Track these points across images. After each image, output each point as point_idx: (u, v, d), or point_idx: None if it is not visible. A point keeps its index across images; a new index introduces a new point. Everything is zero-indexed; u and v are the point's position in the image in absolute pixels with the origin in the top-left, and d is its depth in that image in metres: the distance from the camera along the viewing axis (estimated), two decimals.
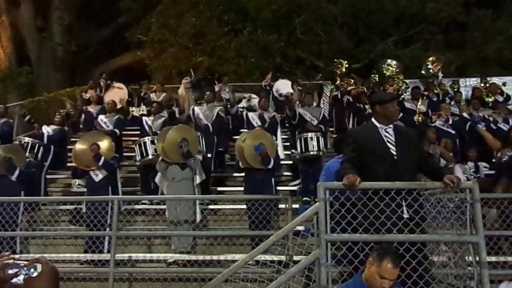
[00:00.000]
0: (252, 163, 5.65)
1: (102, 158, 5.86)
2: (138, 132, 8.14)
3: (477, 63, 17.10)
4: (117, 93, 10.26)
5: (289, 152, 8.59)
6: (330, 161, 4.67)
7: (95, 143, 5.95)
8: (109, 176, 6.01)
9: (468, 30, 18.15)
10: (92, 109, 9.04)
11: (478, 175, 5.79)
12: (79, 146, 6.16)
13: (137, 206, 6.01)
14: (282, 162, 7.79)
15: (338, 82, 11.10)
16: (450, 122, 7.52)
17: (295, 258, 3.90)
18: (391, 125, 3.29)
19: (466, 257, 2.85)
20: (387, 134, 3.25)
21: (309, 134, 6.71)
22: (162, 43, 17.00)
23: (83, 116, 9.04)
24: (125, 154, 8.55)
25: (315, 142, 6.64)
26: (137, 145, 7.02)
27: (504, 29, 17.44)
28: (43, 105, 11.55)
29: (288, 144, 8.88)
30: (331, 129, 9.92)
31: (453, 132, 7.24)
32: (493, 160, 6.19)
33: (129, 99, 10.74)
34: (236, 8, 17.40)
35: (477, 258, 2.75)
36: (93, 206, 5.24)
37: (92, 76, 12.53)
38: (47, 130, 7.81)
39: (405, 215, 2.89)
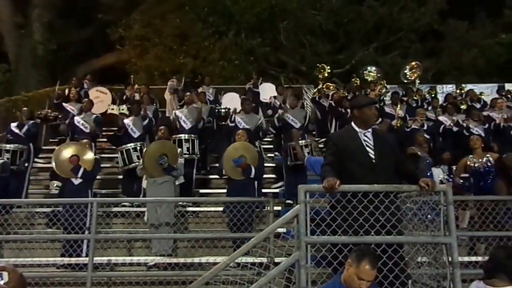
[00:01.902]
0: (233, 176, 5.66)
1: (81, 170, 5.78)
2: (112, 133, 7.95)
3: (452, 71, 17.70)
4: (100, 97, 10.01)
5: (272, 155, 8.65)
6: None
7: (75, 154, 5.85)
8: (88, 179, 5.95)
9: (445, 40, 18.80)
10: (71, 106, 8.78)
11: (452, 178, 5.94)
12: (62, 155, 6.00)
13: (116, 209, 5.93)
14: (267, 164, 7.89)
15: (320, 86, 11.22)
16: (425, 127, 7.70)
17: (276, 260, 3.94)
18: (369, 129, 3.38)
19: (441, 258, 2.93)
20: (366, 138, 3.33)
21: (300, 143, 6.69)
22: (145, 42, 16.86)
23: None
24: (105, 155, 8.44)
25: (309, 149, 6.68)
26: (120, 152, 6.88)
27: (478, 40, 18.11)
28: (20, 105, 11.27)
29: (271, 146, 8.94)
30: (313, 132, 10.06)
31: (428, 136, 7.42)
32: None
33: (113, 105, 10.43)
34: (221, 11, 17.44)
35: (450, 259, 2.83)
36: (72, 209, 5.15)
37: (73, 75, 12.24)
38: (19, 128, 7.44)
39: (380, 217, 2.95)
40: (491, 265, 2.81)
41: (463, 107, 9.44)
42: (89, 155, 5.98)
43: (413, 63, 11.30)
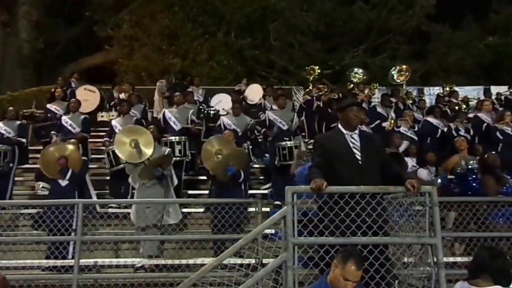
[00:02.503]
0: (222, 178, 5.68)
1: (69, 172, 5.72)
2: (105, 133, 7.80)
3: (439, 72, 17.95)
4: (87, 96, 9.88)
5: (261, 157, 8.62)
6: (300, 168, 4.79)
7: (64, 156, 5.77)
8: (75, 181, 5.88)
9: (431, 41, 19.10)
10: (56, 106, 8.64)
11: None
12: (49, 156, 5.91)
13: (102, 210, 5.87)
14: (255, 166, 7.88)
15: (310, 87, 11.24)
16: (416, 128, 7.79)
17: (264, 261, 3.93)
18: (356, 131, 3.40)
19: (426, 258, 2.96)
20: (352, 140, 3.36)
21: (288, 143, 6.66)
22: (133, 41, 16.73)
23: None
24: (92, 156, 8.33)
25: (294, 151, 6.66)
26: (106, 154, 6.79)
27: (464, 42, 18.44)
28: (5, 104, 11.09)
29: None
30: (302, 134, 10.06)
31: (416, 138, 7.49)
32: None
33: (101, 104, 10.22)
34: (211, 11, 17.39)
35: (435, 259, 2.87)
36: (57, 210, 5.08)
37: (60, 75, 12.06)
38: (4, 129, 7.32)
39: (366, 218, 2.97)
40: (475, 266, 2.84)
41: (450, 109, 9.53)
42: (75, 154, 5.92)
43: (403, 66, 11.45)
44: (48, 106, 8.86)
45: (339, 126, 3.47)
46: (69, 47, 18.38)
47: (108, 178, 7.31)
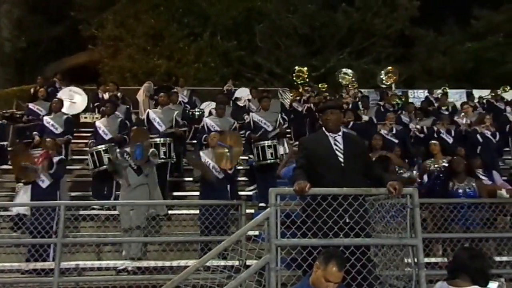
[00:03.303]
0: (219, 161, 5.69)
1: (54, 167, 5.65)
2: (89, 135, 7.70)
3: (423, 76, 18.28)
4: (73, 97, 9.69)
5: (246, 158, 8.62)
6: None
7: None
8: (56, 181, 5.78)
9: (415, 46, 19.46)
10: (39, 106, 8.46)
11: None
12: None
13: (84, 212, 5.79)
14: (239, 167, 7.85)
15: (300, 89, 11.28)
16: (394, 131, 7.89)
17: (248, 263, 3.93)
18: (340, 133, 3.43)
19: (406, 259, 3.01)
20: (336, 142, 3.39)
21: (266, 142, 6.65)
22: (118, 42, 16.56)
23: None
24: (74, 157, 8.21)
25: (272, 150, 6.65)
26: (90, 154, 6.69)
27: (446, 46, 18.82)
28: None
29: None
30: (288, 135, 10.09)
31: (396, 141, 7.59)
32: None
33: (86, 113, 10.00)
34: (197, 12, 17.36)
35: (416, 260, 2.91)
36: (38, 212, 4.98)
37: (42, 74, 11.83)
38: None
39: (347, 220, 3.01)
40: (454, 266, 2.89)
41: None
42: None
43: (389, 67, 11.62)
44: (31, 106, 8.68)
45: (323, 128, 3.50)
46: (52, 46, 18.09)
47: (90, 179, 7.20)
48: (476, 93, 13.42)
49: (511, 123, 9.12)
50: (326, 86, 11.87)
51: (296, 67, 11.84)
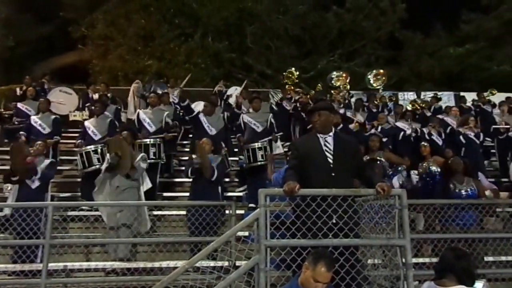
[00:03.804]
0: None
1: (39, 173, 5.58)
2: (77, 135, 7.62)
3: (412, 78, 18.48)
4: (64, 98, 9.58)
5: (237, 158, 8.62)
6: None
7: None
8: (46, 183, 5.73)
9: (404, 49, 19.68)
10: (28, 106, 8.34)
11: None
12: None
13: (73, 213, 5.72)
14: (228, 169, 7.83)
15: (289, 91, 11.30)
16: (379, 129, 7.97)
17: (237, 263, 3.92)
18: (331, 134, 3.46)
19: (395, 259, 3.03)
20: (326, 143, 3.42)
21: (256, 144, 6.66)
22: (108, 42, 16.44)
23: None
24: (63, 157, 8.13)
25: (262, 152, 6.65)
26: (79, 155, 6.60)
27: (434, 49, 19.07)
28: None
29: (236, 150, 8.91)
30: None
31: (385, 139, 7.67)
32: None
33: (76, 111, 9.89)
34: (188, 13, 17.32)
35: (404, 260, 2.94)
36: (25, 213, 4.92)
37: (31, 74, 11.69)
38: None
39: (334, 220, 3.03)
40: (441, 266, 2.93)
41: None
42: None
43: (380, 70, 11.73)
44: (19, 105, 8.58)
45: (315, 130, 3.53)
46: (41, 46, 17.87)
47: (79, 180, 7.14)
48: (465, 96, 13.59)
49: (496, 125, 9.26)
50: (320, 88, 11.91)
51: (288, 69, 11.85)
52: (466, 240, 4.44)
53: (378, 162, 6.01)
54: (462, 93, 13.91)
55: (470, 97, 12.34)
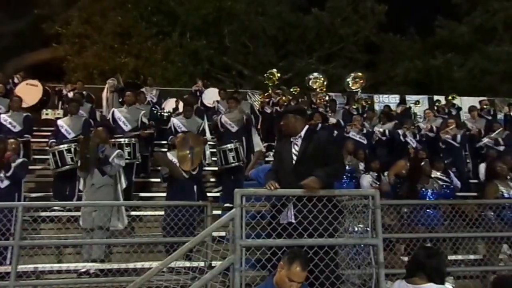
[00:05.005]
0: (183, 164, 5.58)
1: (11, 170, 5.40)
2: (50, 134, 7.43)
3: (388, 81, 18.86)
4: (30, 90, 9.36)
5: (215, 158, 8.57)
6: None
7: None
8: (16, 182, 5.55)
9: (381, 52, 20.09)
10: None
11: (378, 183, 6.30)
12: None
13: (43, 213, 5.56)
14: (207, 168, 7.80)
15: (269, 92, 11.31)
16: (364, 131, 8.12)
17: (213, 264, 3.91)
18: (301, 135, 3.53)
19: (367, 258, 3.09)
20: (294, 145, 3.52)
21: (228, 146, 6.64)
22: (83, 39, 16.09)
23: None
24: (35, 157, 7.89)
25: (234, 154, 6.64)
26: (51, 154, 6.41)
27: (409, 52, 19.52)
28: None
29: (214, 150, 8.87)
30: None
31: (365, 142, 7.80)
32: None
33: (45, 98, 9.76)
34: (165, 11, 17.14)
35: (376, 259, 3.00)
36: None
37: (2, 70, 11.31)
38: None
39: (292, 220, 3.09)
40: (412, 265, 3.00)
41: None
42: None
43: (359, 73, 11.93)
44: None
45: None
46: (14, 42, 17.33)
47: (51, 180, 6.94)
48: (437, 98, 13.97)
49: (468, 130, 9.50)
50: (298, 89, 12.00)
51: (270, 71, 11.87)
52: (433, 239, 4.57)
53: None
54: (436, 97, 14.27)
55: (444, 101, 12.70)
